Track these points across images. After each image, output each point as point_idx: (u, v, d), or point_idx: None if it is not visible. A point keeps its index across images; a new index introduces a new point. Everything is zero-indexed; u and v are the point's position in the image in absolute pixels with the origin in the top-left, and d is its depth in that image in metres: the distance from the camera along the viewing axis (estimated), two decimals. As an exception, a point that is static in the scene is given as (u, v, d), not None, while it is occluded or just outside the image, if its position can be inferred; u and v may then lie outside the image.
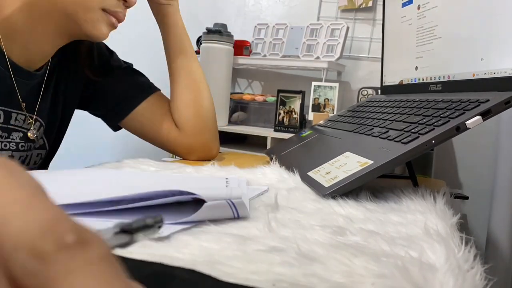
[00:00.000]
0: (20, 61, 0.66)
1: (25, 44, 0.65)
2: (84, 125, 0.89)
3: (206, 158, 0.82)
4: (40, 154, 0.75)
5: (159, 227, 0.20)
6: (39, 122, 0.72)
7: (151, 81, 0.86)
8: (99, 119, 0.86)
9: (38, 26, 0.65)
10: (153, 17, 0.82)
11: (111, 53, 0.84)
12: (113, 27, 0.68)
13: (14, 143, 0.68)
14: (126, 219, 0.36)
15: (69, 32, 0.67)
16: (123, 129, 0.85)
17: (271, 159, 0.78)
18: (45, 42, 0.67)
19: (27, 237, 0.10)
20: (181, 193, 0.38)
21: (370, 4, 1.48)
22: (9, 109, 0.67)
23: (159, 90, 0.84)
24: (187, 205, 0.40)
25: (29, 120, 0.70)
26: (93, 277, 0.11)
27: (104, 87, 0.81)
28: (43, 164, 0.78)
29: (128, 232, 0.18)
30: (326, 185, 0.52)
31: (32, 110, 0.71)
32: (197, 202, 0.37)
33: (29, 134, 0.70)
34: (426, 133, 0.53)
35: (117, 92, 0.81)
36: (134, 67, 0.87)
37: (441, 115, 0.56)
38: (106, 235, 0.18)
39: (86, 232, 0.12)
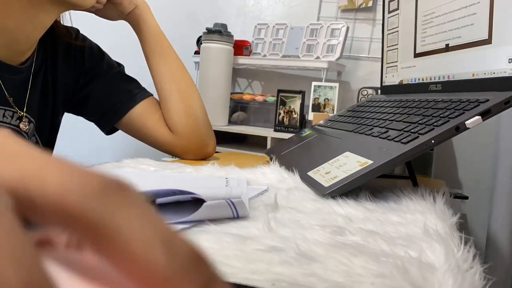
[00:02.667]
0: (2, 56, 0.65)
1: (5, 36, 0.64)
2: (83, 125, 0.89)
3: (203, 156, 0.82)
4: None
5: None
6: (28, 118, 0.72)
7: (144, 84, 0.86)
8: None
9: (14, 9, 0.62)
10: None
11: (103, 55, 0.83)
12: None
13: None
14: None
15: (50, 7, 0.65)
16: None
17: (271, 159, 0.78)
18: (26, 27, 0.65)
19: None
20: (181, 192, 0.38)
21: (370, 4, 1.48)
22: None
23: (152, 95, 0.84)
24: (187, 204, 0.40)
25: (18, 114, 0.70)
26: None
27: (95, 92, 0.81)
28: None
29: None
30: (326, 185, 0.52)
31: (21, 105, 0.70)
32: (197, 202, 0.37)
33: (21, 125, 0.70)
34: (425, 133, 0.53)
35: (108, 98, 0.81)
36: (126, 69, 0.86)
37: (441, 115, 0.56)
38: None
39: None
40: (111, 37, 1.16)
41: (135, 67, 0.96)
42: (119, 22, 0.83)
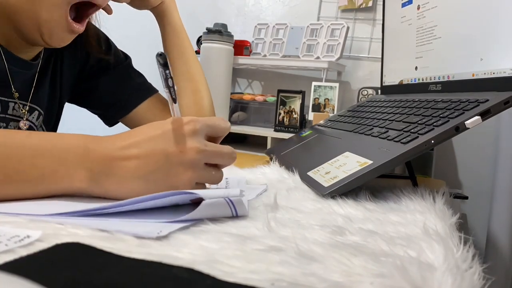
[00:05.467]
0: (15, 51, 0.65)
1: (16, 34, 0.64)
2: (84, 122, 0.89)
3: None
4: None
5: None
6: (38, 111, 0.72)
7: (150, 81, 0.86)
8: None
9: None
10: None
11: (110, 47, 0.83)
12: (75, 32, 0.63)
13: None
14: (125, 219, 0.36)
15: (29, 48, 0.66)
16: (125, 126, 0.84)
17: (271, 159, 0.78)
18: (21, 47, 0.66)
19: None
20: (180, 193, 0.38)
21: (370, 4, 1.48)
22: (6, 99, 0.67)
23: (158, 91, 0.84)
24: (186, 205, 0.40)
25: (28, 107, 0.70)
26: None
27: (102, 85, 0.80)
28: None
29: None
30: (326, 185, 0.52)
31: (31, 98, 0.70)
32: (196, 203, 0.37)
33: (20, 124, 0.69)
34: (425, 133, 0.53)
35: (115, 92, 0.80)
36: (133, 61, 0.86)
37: (441, 115, 0.56)
38: None
39: None
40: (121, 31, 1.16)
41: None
42: (124, 21, 0.82)
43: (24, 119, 0.70)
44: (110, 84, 0.80)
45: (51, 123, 0.77)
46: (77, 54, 0.78)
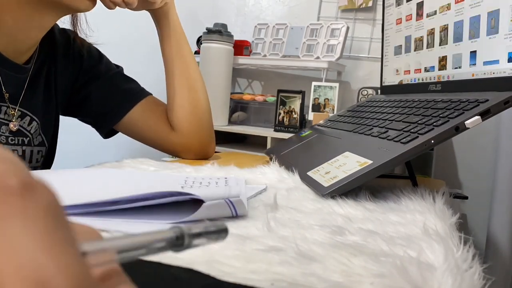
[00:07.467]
0: (7, 53, 0.65)
1: (10, 32, 0.64)
2: (83, 124, 0.89)
3: (202, 156, 0.83)
4: (41, 152, 0.75)
5: (224, 237, 0.19)
6: (29, 116, 0.72)
7: (143, 85, 0.86)
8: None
9: (12, 6, 0.63)
10: (150, 18, 0.82)
11: (101, 57, 0.83)
12: None
13: (4, 137, 0.68)
14: (125, 219, 0.36)
15: (47, 10, 0.65)
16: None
17: (271, 159, 0.78)
18: (25, 26, 0.65)
19: None
20: (180, 193, 0.38)
21: (370, 4, 1.48)
22: None
23: (151, 94, 0.84)
24: (186, 204, 0.40)
25: (19, 112, 0.70)
26: (24, 226, 0.11)
27: (94, 94, 0.80)
28: (45, 163, 0.78)
29: (187, 237, 0.18)
30: (326, 184, 0.52)
31: (22, 103, 0.70)
32: (196, 201, 0.37)
33: (10, 125, 0.69)
34: (425, 133, 0.53)
35: (107, 99, 0.80)
36: (125, 71, 0.86)
37: (440, 115, 0.56)
38: (162, 236, 0.17)
39: (32, 180, 0.12)
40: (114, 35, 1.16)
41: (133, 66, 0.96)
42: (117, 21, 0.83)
43: (14, 120, 0.69)
44: (102, 92, 0.81)
45: (49, 132, 0.77)
46: (70, 64, 0.78)
